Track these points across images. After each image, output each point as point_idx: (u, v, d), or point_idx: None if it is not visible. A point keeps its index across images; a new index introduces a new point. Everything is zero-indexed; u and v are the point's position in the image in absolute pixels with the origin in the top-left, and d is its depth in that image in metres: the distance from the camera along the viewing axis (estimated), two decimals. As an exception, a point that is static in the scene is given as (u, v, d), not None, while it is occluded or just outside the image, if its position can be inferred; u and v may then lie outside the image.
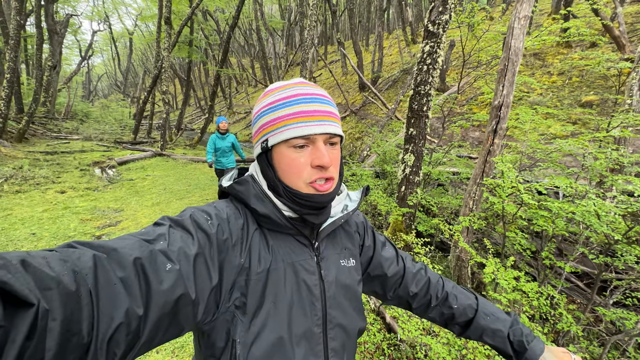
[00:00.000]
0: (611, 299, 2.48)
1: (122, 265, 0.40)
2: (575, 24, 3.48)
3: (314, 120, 0.57)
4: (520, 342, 0.72)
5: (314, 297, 0.62)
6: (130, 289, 0.40)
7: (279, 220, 0.60)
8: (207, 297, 0.50)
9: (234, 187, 0.62)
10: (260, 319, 0.55)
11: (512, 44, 2.17)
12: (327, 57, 25.43)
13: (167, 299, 0.43)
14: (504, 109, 2.24)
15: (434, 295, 0.79)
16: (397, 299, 0.82)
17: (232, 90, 29.74)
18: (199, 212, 0.56)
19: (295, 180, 0.59)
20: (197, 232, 0.52)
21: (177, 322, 0.45)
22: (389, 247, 0.83)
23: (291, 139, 0.57)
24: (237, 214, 0.60)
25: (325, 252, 0.68)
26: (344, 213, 0.68)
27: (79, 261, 0.37)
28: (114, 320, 0.37)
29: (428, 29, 3.01)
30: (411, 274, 0.81)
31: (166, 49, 10.51)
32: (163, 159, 10.15)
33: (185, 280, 0.45)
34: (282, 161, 0.59)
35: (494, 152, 2.32)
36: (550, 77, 10.93)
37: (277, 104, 0.60)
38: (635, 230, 1.81)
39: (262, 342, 0.55)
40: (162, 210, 5.55)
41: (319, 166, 0.58)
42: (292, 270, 0.61)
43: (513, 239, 2.27)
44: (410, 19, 19.80)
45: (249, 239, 0.59)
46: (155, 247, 0.45)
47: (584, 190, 2.21)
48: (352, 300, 0.68)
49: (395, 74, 16.01)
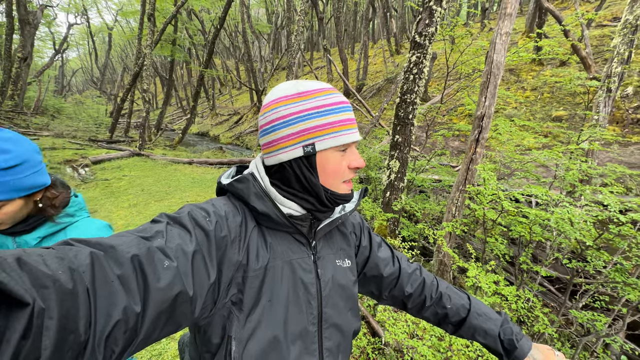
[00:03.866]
0: (580, 302, 2.62)
1: (120, 262, 0.40)
2: (549, 44, 3.71)
3: (354, 128, 0.63)
4: (511, 340, 0.75)
5: (310, 295, 0.63)
6: (127, 287, 0.39)
7: (277, 218, 0.60)
8: (205, 294, 0.49)
9: (234, 185, 0.62)
10: (256, 316, 0.55)
11: (495, 58, 2.29)
12: (313, 62, 25.64)
13: (165, 296, 0.42)
14: (486, 120, 2.35)
15: (429, 295, 0.81)
16: (392, 299, 0.84)
17: (216, 91, 29.28)
18: (197, 209, 0.56)
19: (337, 181, 0.64)
20: (195, 229, 0.52)
21: (175, 318, 0.45)
22: (385, 248, 0.85)
23: (341, 145, 0.62)
24: (235, 211, 0.60)
25: (323, 251, 0.69)
26: (342, 214, 0.70)
27: (76, 259, 0.36)
28: (111, 317, 0.36)
29: (415, 39, 3.11)
30: (406, 274, 0.82)
31: (148, 47, 10.22)
32: (141, 159, 9.79)
33: (183, 278, 0.45)
34: (328, 165, 0.62)
35: (476, 160, 2.42)
36: (524, 92, 11.55)
37: (325, 110, 0.60)
38: (604, 236, 1.93)
39: (258, 339, 0.55)
40: (140, 212, 5.33)
41: (356, 167, 0.64)
42: (289, 268, 0.62)
43: (493, 244, 2.36)
44: (395, 30, 20.37)
45: (247, 236, 0.59)
46: (153, 244, 0.45)
47: (557, 198, 2.34)
48: (348, 300, 0.70)
49: (380, 83, 16.36)
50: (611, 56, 3.87)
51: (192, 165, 9.50)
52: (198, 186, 7.12)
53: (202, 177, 8.08)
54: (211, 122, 23.48)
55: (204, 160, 9.84)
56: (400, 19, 22.05)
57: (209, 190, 6.86)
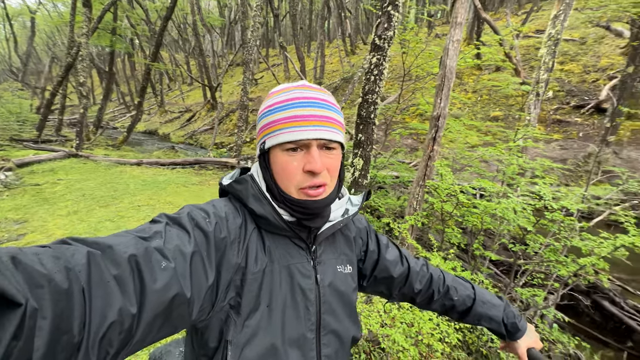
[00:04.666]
0: (521, 281, 2.99)
1: (117, 262, 0.39)
2: (489, 51, 4.12)
3: (307, 125, 0.57)
4: (514, 324, 0.82)
5: (308, 301, 0.62)
6: (124, 287, 0.39)
7: (276, 222, 0.59)
8: (203, 296, 0.48)
9: (233, 186, 0.62)
10: (254, 321, 0.55)
11: (448, 63, 2.50)
12: (269, 59, 25.21)
13: (162, 298, 0.42)
14: (442, 120, 2.55)
15: (436, 289, 0.83)
16: (401, 296, 0.86)
17: (164, 87, 27.29)
18: (197, 210, 0.55)
19: (287, 184, 0.59)
20: (194, 230, 0.51)
21: (172, 320, 0.44)
22: (393, 248, 0.84)
23: (284, 143, 0.57)
24: (235, 213, 0.59)
25: (323, 256, 0.67)
26: (344, 217, 0.68)
27: (73, 258, 0.36)
28: (106, 318, 0.36)
29: (375, 42, 3.24)
30: (415, 272, 0.84)
31: (84, 35, 9.17)
32: (80, 161, 8.77)
33: (181, 279, 0.44)
34: (276, 164, 0.60)
35: (433, 157, 2.62)
36: (466, 94, 12.66)
37: (275, 107, 0.60)
38: (541, 222, 2.22)
39: (255, 345, 0.54)
40: (82, 219, 4.80)
41: (310, 171, 0.57)
42: (287, 273, 0.61)
43: (450, 234, 2.58)
44: (349, 30, 20.86)
45: (247, 238, 0.58)
46: (151, 244, 0.44)
47: (503, 190, 2.62)
48: (346, 307, 0.69)
49: (337, 82, 16.67)
50: (538, 64, 4.43)
51: (141, 167, 8.78)
52: (150, 189, 6.61)
53: (154, 178, 7.51)
54: (160, 119, 21.87)
55: (155, 160, 9.16)
56: (355, 20, 22.66)
57: (163, 193, 6.41)
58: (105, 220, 4.73)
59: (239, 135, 10.36)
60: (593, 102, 9.56)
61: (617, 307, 3.22)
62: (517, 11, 20.22)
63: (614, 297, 3.28)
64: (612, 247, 1.83)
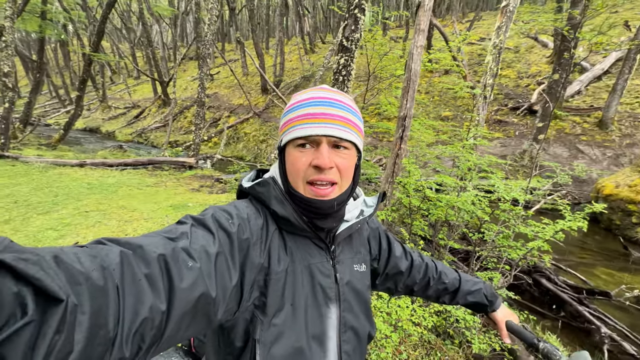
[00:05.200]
0: (476, 266, 3.31)
1: (147, 261, 0.41)
2: (443, 56, 4.45)
3: (317, 122, 0.59)
4: (493, 294, 0.94)
5: (329, 299, 0.64)
6: (154, 285, 0.40)
7: (297, 222, 0.61)
8: (228, 295, 0.50)
9: (255, 189, 0.64)
10: (280, 320, 0.57)
11: (413, 67, 2.67)
12: (225, 54, 24.23)
13: (188, 297, 0.43)
14: (408, 120, 2.72)
15: (431, 277, 0.91)
16: (405, 289, 0.92)
17: (107, 80, 24.81)
18: (220, 211, 0.57)
19: (295, 179, 0.61)
20: (218, 231, 0.52)
21: (199, 319, 0.46)
22: (398, 244, 0.89)
23: (295, 139, 0.60)
24: (257, 214, 0.61)
25: (341, 255, 0.70)
26: (360, 218, 0.71)
27: (107, 257, 0.38)
28: (138, 315, 0.37)
29: (342, 43, 3.32)
30: (416, 265, 0.90)
31: (9, 18, 7.98)
32: (7, 162, 7.65)
33: (206, 279, 0.46)
34: (289, 160, 0.62)
35: (401, 155, 2.79)
36: (419, 94, 13.46)
37: (293, 107, 0.64)
38: (495, 212, 2.48)
39: (282, 343, 0.56)
40: (16, 229, 4.22)
41: (316, 166, 0.59)
42: (308, 273, 0.63)
43: (417, 226, 2.77)
44: (308, 29, 20.90)
45: (269, 239, 0.60)
46: (178, 244, 0.46)
47: (460, 185, 2.87)
48: (362, 304, 0.72)
49: (297, 80, 16.62)
50: (484, 70, 4.89)
51: (84, 168, 7.93)
52: (98, 192, 6.01)
53: (102, 181, 6.85)
54: (102, 115, 19.89)
55: (101, 161, 8.33)
56: (313, 18, 22.76)
57: (114, 196, 5.88)
58: (46, 229, 4.21)
59: (197, 134, 9.86)
60: (526, 104, 10.79)
61: (552, 283, 3.72)
62: (462, 19, 22.00)
63: (549, 275, 3.78)
64: (553, 231, 2.13)
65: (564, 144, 9.19)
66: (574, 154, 8.81)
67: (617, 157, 8.21)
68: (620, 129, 8.86)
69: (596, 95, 10.35)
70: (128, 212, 5.04)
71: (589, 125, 9.37)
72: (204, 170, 8.90)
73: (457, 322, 2.34)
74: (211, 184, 7.44)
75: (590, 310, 3.29)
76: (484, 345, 2.12)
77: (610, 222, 6.00)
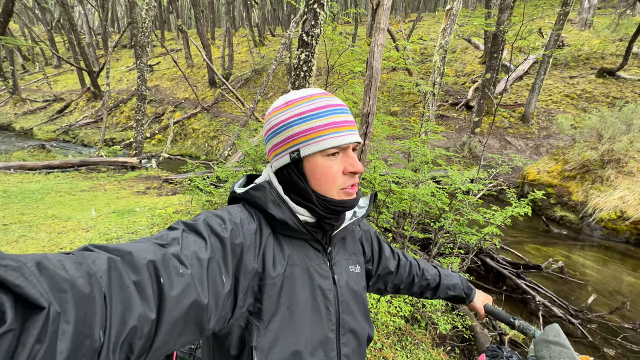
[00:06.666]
0: (434, 252, 3.57)
1: (136, 268, 0.40)
2: (398, 55, 4.66)
3: (346, 130, 0.61)
4: (469, 287, 1.01)
5: (328, 301, 0.64)
6: (143, 293, 0.39)
7: (295, 225, 0.60)
8: (221, 302, 0.49)
9: (251, 193, 0.62)
10: (276, 324, 0.56)
11: (374, 65, 2.74)
12: (165, 44, 22.31)
13: (179, 304, 0.42)
14: (371, 116, 2.80)
15: (415, 274, 0.95)
16: (393, 288, 0.94)
17: (17, 68, 21.15)
18: (213, 216, 0.56)
19: (329, 188, 0.62)
20: (210, 237, 0.51)
21: (190, 328, 0.44)
22: (385, 245, 0.91)
23: (328, 149, 0.60)
24: (250, 219, 0.59)
25: (337, 257, 0.70)
26: (354, 219, 0.72)
27: (94, 264, 0.37)
28: (126, 324, 0.36)
29: (302, 38, 3.27)
30: (402, 264, 0.93)
31: None
32: None
33: (198, 286, 0.45)
34: (317, 170, 0.61)
35: (366, 151, 2.86)
36: (370, 90, 13.95)
37: (308, 115, 0.61)
38: (453, 203, 2.69)
39: (279, 348, 0.56)
40: None
41: (352, 172, 0.62)
42: (307, 275, 0.62)
43: (383, 219, 2.89)
44: (257, 20, 20.23)
45: (263, 243, 0.58)
46: (168, 250, 0.45)
47: (420, 178, 3.05)
48: (361, 306, 0.72)
49: (247, 73, 16.04)
50: (432, 68, 5.23)
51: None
52: (18, 201, 5.14)
53: (22, 187, 5.86)
54: (14, 110, 17.00)
55: (19, 164, 7.12)
56: (261, 9, 22.06)
57: (41, 205, 5.08)
58: (-49, 249, 3.47)
59: (138, 130, 8.97)
60: (463, 100, 11.87)
61: (495, 262, 4.19)
62: (404, 19, 23.26)
63: (492, 255, 4.24)
64: (503, 217, 2.39)
65: (495, 136, 10.34)
66: (504, 145, 9.97)
67: (537, 147, 9.49)
68: (539, 123, 10.25)
69: (519, 93, 11.81)
70: (60, 222, 4.40)
71: (514, 119, 10.66)
72: (150, 171, 8.15)
73: (424, 307, 2.51)
74: (159, 185, 6.85)
75: (526, 282, 3.78)
76: (447, 325, 2.30)
77: (534, 204, 6.94)
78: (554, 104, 10.80)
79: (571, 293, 3.89)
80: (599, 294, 3.77)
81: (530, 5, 4.88)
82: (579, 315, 3.32)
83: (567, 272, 4.21)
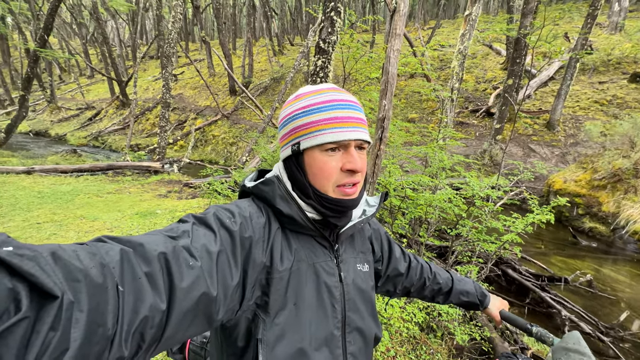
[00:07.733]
0: (451, 260, 3.47)
1: (147, 260, 0.41)
2: (416, 61, 4.64)
3: (347, 127, 0.59)
4: (482, 293, 0.97)
5: (334, 299, 0.63)
6: (154, 284, 0.40)
7: (302, 221, 0.60)
8: (230, 294, 0.49)
9: (259, 187, 0.62)
10: (282, 319, 0.56)
11: (390, 70, 2.75)
12: (189, 54, 23.27)
13: (189, 295, 0.43)
14: (387, 121, 2.79)
15: (427, 277, 0.92)
16: (403, 290, 0.92)
17: (55, 78, 22.69)
18: (222, 210, 0.56)
19: (325, 184, 0.61)
20: (220, 230, 0.52)
21: (199, 319, 0.45)
22: (396, 246, 0.88)
23: (325, 144, 0.59)
24: (259, 213, 0.60)
25: (344, 254, 0.70)
26: (363, 218, 0.70)
27: (107, 255, 0.37)
28: (138, 313, 0.37)
29: (319, 45, 3.33)
30: (413, 266, 0.91)
31: None
32: None
33: (207, 278, 0.46)
34: (314, 164, 0.61)
35: (381, 156, 2.85)
36: (387, 97, 13.90)
37: (311, 108, 0.61)
38: (471, 209, 2.62)
39: (284, 343, 0.56)
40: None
41: (350, 170, 0.60)
42: (313, 272, 0.62)
43: (398, 225, 2.85)
44: (276, 30, 20.76)
45: (271, 237, 0.59)
46: (179, 243, 0.46)
47: (437, 183, 3.00)
48: (368, 305, 0.71)
49: (266, 82, 16.41)
50: (451, 74, 5.16)
51: (32, 175, 7.17)
52: (51, 202, 5.46)
53: (54, 189, 6.23)
54: (51, 117, 18.19)
55: (53, 167, 7.59)
56: (280, 20, 22.63)
57: (70, 205, 5.37)
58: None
59: (162, 136, 9.35)
60: (484, 107, 11.58)
61: (517, 273, 4.01)
62: (423, 26, 23.12)
63: (514, 265, 4.07)
64: (524, 224, 2.30)
65: (518, 143, 9.99)
66: (527, 153, 9.60)
67: (563, 155, 9.08)
68: (565, 130, 9.82)
69: (544, 99, 11.39)
70: (88, 222, 4.63)
71: (538, 126, 10.27)
72: (171, 175, 8.44)
73: (439, 316, 2.44)
74: (180, 189, 7.08)
75: (551, 296, 3.59)
76: (465, 335, 2.22)
77: (560, 214, 6.61)
78: (581, 111, 10.34)
79: (601, 309, 3.65)
80: (633, 311, 3.51)
81: (554, 9, 4.74)
82: (609, 333, 3.11)
83: (597, 287, 3.96)
